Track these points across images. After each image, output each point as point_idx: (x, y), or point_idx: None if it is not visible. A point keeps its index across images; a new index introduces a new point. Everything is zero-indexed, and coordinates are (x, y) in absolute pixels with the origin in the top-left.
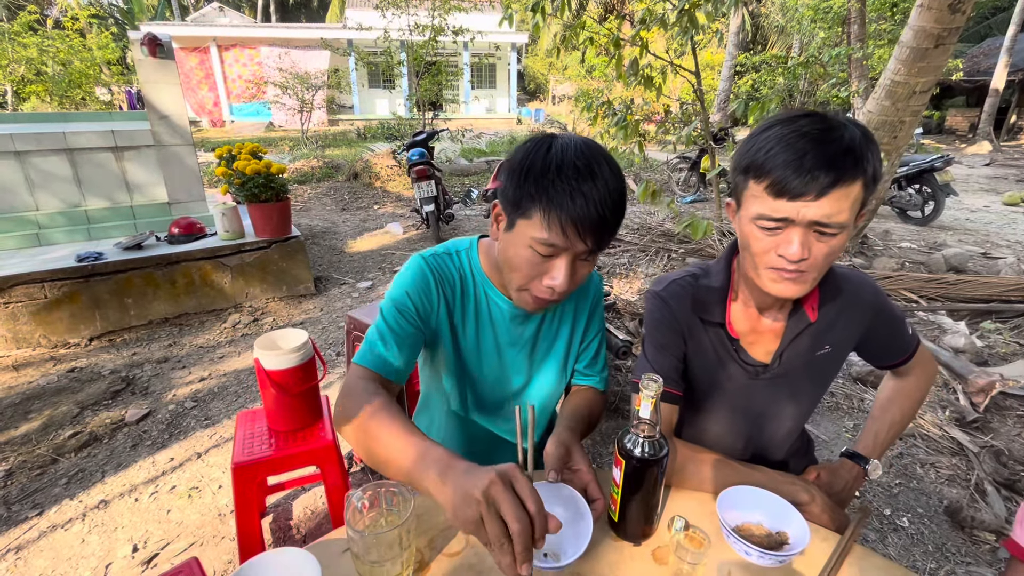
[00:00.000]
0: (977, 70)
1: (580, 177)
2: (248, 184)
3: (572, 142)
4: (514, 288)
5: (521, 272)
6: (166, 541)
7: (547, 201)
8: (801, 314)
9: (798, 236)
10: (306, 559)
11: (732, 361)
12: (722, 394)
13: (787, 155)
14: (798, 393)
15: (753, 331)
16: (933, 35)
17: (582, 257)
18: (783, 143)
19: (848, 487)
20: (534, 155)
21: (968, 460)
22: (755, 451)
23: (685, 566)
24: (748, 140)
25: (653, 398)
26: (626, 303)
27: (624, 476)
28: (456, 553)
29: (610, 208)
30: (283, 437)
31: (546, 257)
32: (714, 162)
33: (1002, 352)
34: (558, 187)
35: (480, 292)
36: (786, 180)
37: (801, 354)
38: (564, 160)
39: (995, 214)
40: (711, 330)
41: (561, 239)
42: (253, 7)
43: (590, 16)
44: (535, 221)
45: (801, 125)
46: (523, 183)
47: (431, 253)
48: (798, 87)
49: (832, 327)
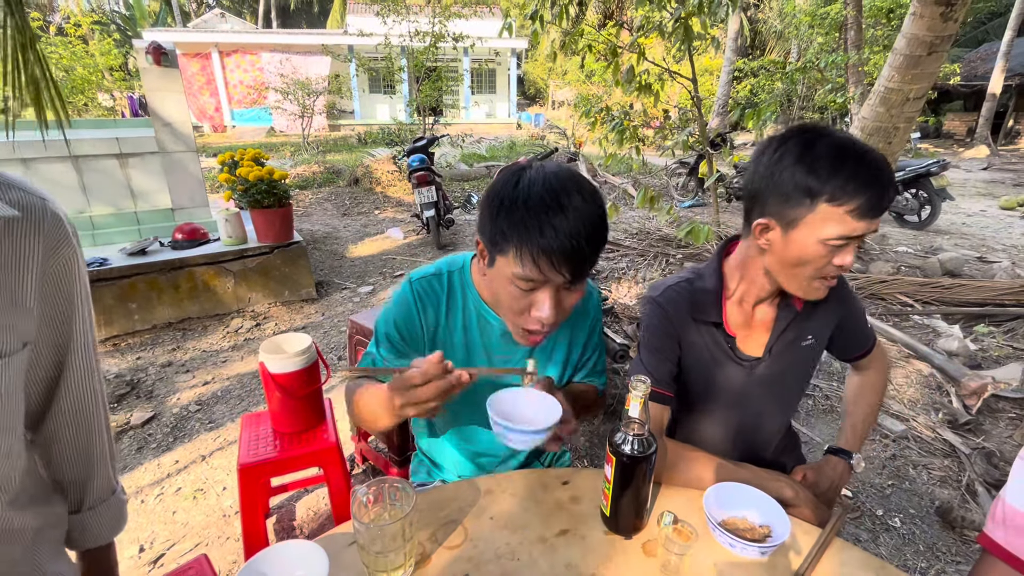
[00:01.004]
0: (974, 75)
1: (549, 210)
2: (251, 190)
3: (540, 174)
4: (510, 325)
5: (508, 307)
6: (172, 542)
7: (517, 237)
8: (789, 305)
9: (854, 249)
10: (315, 551)
11: (727, 359)
12: (717, 393)
13: (868, 180)
14: (786, 386)
15: (746, 326)
16: (926, 42)
17: (565, 287)
18: (858, 168)
19: (836, 483)
20: (502, 191)
21: (960, 462)
22: (745, 447)
23: (673, 558)
24: (793, 161)
25: (641, 398)
26: (624, 307)
27: (615, 472)
28: (456, 546)
29: (583, 238)
30: (287, 439)
31: (527, 291)
32: (712, 168)
33: (995, 355)
34: (527, 222)
35: (471, 309)
36: (872, 203)
37: (788, 346)
38: (531, 194)
39: (991, 218)
40: (707, 331)
41: (536, 273)
42: (254, 13)
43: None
44: (510, 257)
45: (852, 149)
46: (495, 219)
47: (419, 276)
48: (796, 92)
49: (812, 317)
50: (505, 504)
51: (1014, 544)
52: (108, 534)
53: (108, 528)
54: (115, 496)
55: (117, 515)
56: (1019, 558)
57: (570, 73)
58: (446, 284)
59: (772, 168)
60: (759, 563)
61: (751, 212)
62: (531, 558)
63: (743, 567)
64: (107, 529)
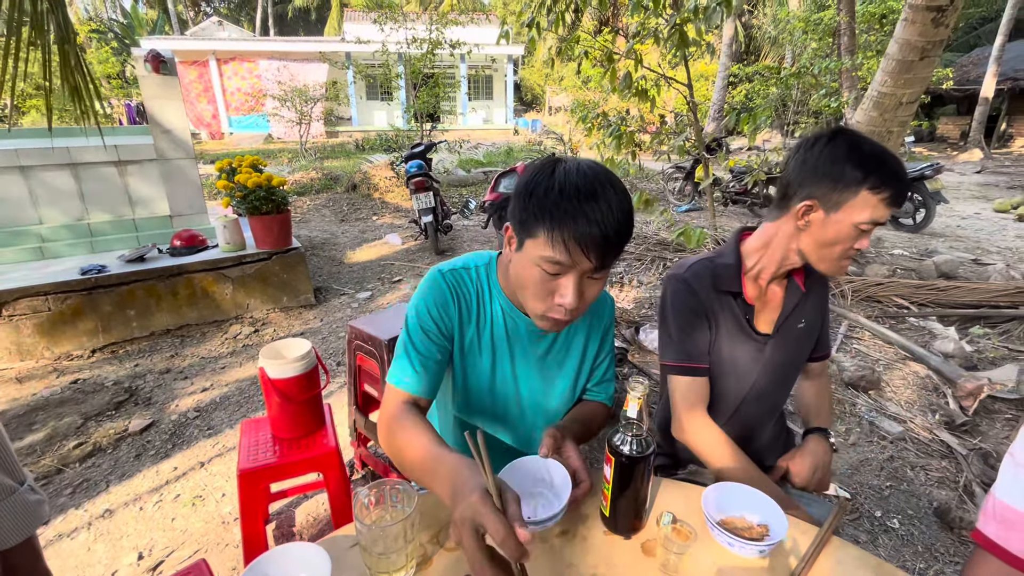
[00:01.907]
0: (967, 79)
1: (582, 198)
2: (250, 197)
3: (576, 165)
4: (530, 309)
5: (531, 291)
6: (171, 548)
7: (551, 221)
8: (794, 285)
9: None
10: (318, 552)
11: (744, 334)
12: (730, 368)
13: (899, 173)
14: (786, 367)
15: (760, 299)
16: (918, 48)
17: (589, 275)
18: (890, 163)
19: (824, 459)
20: (539, 178)
21: (957, 462)
22: (741, 421)
23: (672, 557)
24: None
25: (639, 399)
26: (622, 311)
27: (614, 473)
28: (456, 548)
29: (613, 227)
30: (287, 444)
31: (553, 275)
32: (708, 172)
33: (991, 356)
34: (562, 207)
35: (496, 307)
36: (900, 194)
37: (791, 326)
38: (567, 182)
39: (986, 221)
40: (727, 303)
41: (565, 257)
42: (252, 21)
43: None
44: (540, 240)
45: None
46: (528, 204)
47: (449, 268)
48: (791, 97)
49: (808, 302)
50: None
51: (1005, 538)
52: (13, 534)
53: (11, 528)
54: (15, 495)
55: (23, 515)
56: (1010, 552)
57: (567, 79)
58: (475, 279)
59: (822, 158)
60: (757, 562)
61: (791, 197)
62: (532, 558)
63: (741, 566)
64: (10, 529)
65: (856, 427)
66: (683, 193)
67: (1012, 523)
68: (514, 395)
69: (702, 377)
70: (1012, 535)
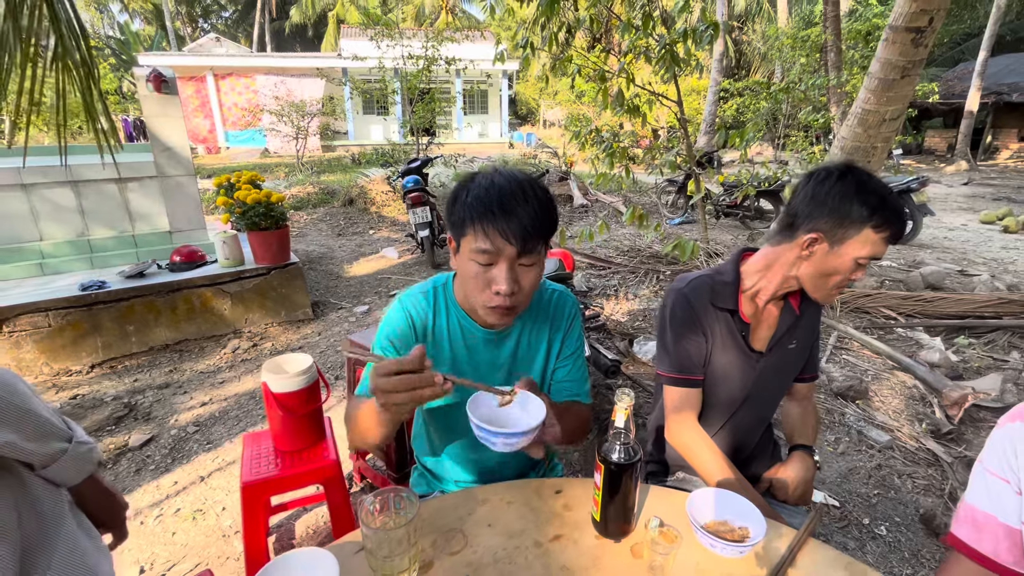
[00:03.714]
0: (952, 93)
1: (500, 195)
2: (249, 213)
3: (493, 172)
4: (476, 304)
5: (472, 284)
6: (172, 562)
7: (475, 216)
8: (790, 307)
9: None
10: (325, 557)
11: (739, 350)
12: (723, 382)
13: (895, 210)
14: (774, 383)
15: (755, 317)
16: (899, 67)
17: (519, 262)
18: (890, 202)
19: (807, 476)
20: (461, 187)
21: (943, 470)
22: (731, 433)
23: (659, 558)
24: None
25: (627, 410)
26: (616, 324)
27: (604, 480)
28: (457, 552)
29: (528, 215)
30: (289, 457)
31: (486, 266)
32: (699, 186)
33: (976, 366)
34: (482, 203)
35: (454, 321)
36: (899, 233)
37: (783, 346)
38: (485, 185)
39: (972, 232)
40: (724, 319)
41: (490, 244)
42: (249, 37)
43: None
44: (470, 236)
45: (885, 186)
46: (455, 209)
47: (410, 293)
48: (781, 111)
49: (801, 324)
50: (502, 512)
51: (976, 540)
52: (75, 477)
53: (73, 474)
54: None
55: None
56: (981, 553)
57: (561, 94)
58: (432, 299)
59: (831, 194)
60: (739, 562)
61: (797, 227)
62: (527, 561)
63: (724, 566)
64: (72, 475)
65: (845, 436)
66: (676, 206)
67: (982, 526)
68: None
69: (695, 388)
70: (983, 537)
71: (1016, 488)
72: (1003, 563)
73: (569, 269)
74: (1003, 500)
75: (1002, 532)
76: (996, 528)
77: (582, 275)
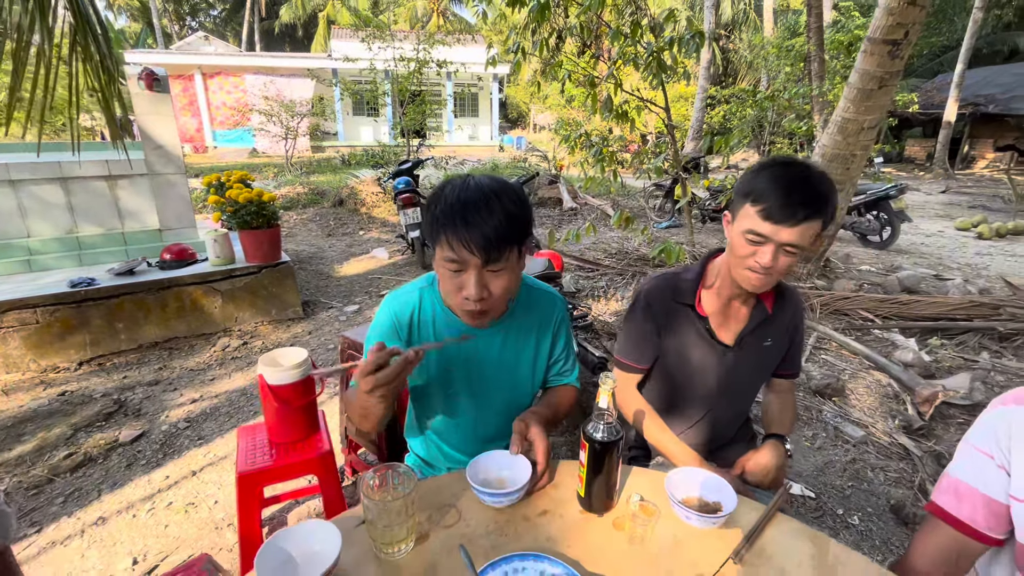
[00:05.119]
0: (931, 104)
1: (465, 207)
2: (241, 212)
3: (465, 181)
4: (453, 307)
5: (445, 289)
6: (165, 553)
7: (442, 228)
8: (762, 307)
9: (771, 251)
10: (329, 528)
11: (704, 341)
12: (693, 371)
13: (779, 191)
14: (749, 377)
15: (721, 314)
16: (876, 77)
17: (488, 269)
18: (775, 182)
19: (778, 462)
20: (435, 196)
21: (913, 464)
22: (711, 422)
23: (639, 530)
24: (751, 172)
25: (610, 392)
26: (603, 324)
27: (588, 457)
28: (451, 525)
29: (491, 228)
30: (283, 448)
31: (456, 273)
32: (686, 191)
33: (947, 366)
34: (448, 216)
35: (440, 317)
36: (773, 210)
37: (755, 342)
38: (454, 197)
39: (948, 238)
40: (685, 313)
41: (455, 255)
42: (237, 36)
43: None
44: (440, 244)
45: (790, 171)
46: (428, 219)
47: (395, 294)
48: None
49: (775, 324)
50: None
51: (956, 508)
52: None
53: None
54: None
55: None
56: (960, 519)
57: (551, 98)
58: (418, 297)
59: (741, 179)
60: (712, 533)
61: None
62: (516, 534)
63: (698, 536)
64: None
65: (822, 432)
66: (663, 211)
67: (963, 495)
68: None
69: (632, 375)
70: (963, 505)
71: (999, 463)
72: (978, 528)
73: (558, 269)
74: (985, 473)
75: (980, 501)
76: (976, 498)
77: (571, 276)
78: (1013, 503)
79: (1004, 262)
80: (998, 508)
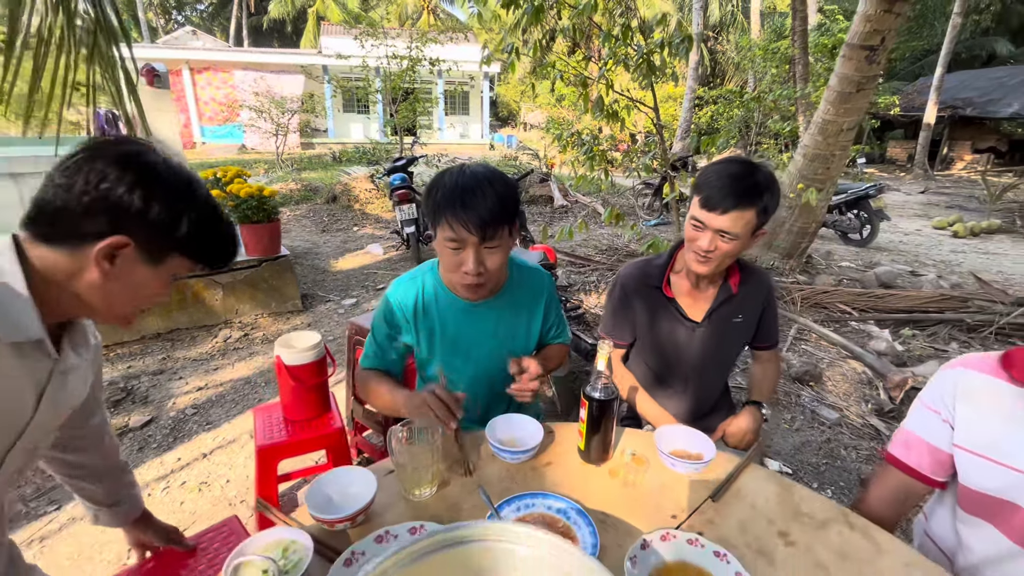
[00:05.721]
0: (912, 106)
1: (463, 191)
2: (242, 206)
3: (462, 168)
4: (453, 283)
5: (446, 266)
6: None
7: (442, 209)
8: (727, 286)
9: (708, 236)
10: (365, 474)
11: (674, 320)
12: (666, 347)
13: (715, 183)
14: (721, 352)
15: (689, 295)
16: (855, 81)
17: (485, 247)
18: (716, 175)
19: (755, 425)
20: (435, 182)
21: (883, 443)
22: (692, 392)
23: (631, 476)
24: (704, 168)
25: (607, 356)
26: (595, 316)
27: (588, 414)
28: (468, 473)
29: (486, 208)
30: (298, 426)
31: (456, 251)
32: (674, 189)
33: (918, 355)
34: (448, 199)
35: (442, 296)
36: (709, 199)
37: (724, 319)
38: (452, 182)
39: (925, 236)
40: (654, 295)
41: (455, 234)
42: (225, 31)
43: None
44: (440, 226)
45: (731, 166)
46: (429, 202)
47: (396, 282)
48: (753, 118)
49: (745, 301)
50: None
51: (905, 455)
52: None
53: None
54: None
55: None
56: (908, 464)
57: (541, 96)
58: (419, 281)
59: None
60: (695, 478)
61: None
62: (525, 480)
63: (683, 481)
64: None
65: (800, 415)
66: (652, 208)
67: (912, 445)
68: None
69: (619, 350)
70: (911, 453)
71: (944, 417)
72: (924, 472)
73: (552, 260)
74: (932, 426)
75: (926, 449)
76: (923, 447)
77: (563, 271)
78: (956, 451)
79: (977, 259)
80: (942, 456)
